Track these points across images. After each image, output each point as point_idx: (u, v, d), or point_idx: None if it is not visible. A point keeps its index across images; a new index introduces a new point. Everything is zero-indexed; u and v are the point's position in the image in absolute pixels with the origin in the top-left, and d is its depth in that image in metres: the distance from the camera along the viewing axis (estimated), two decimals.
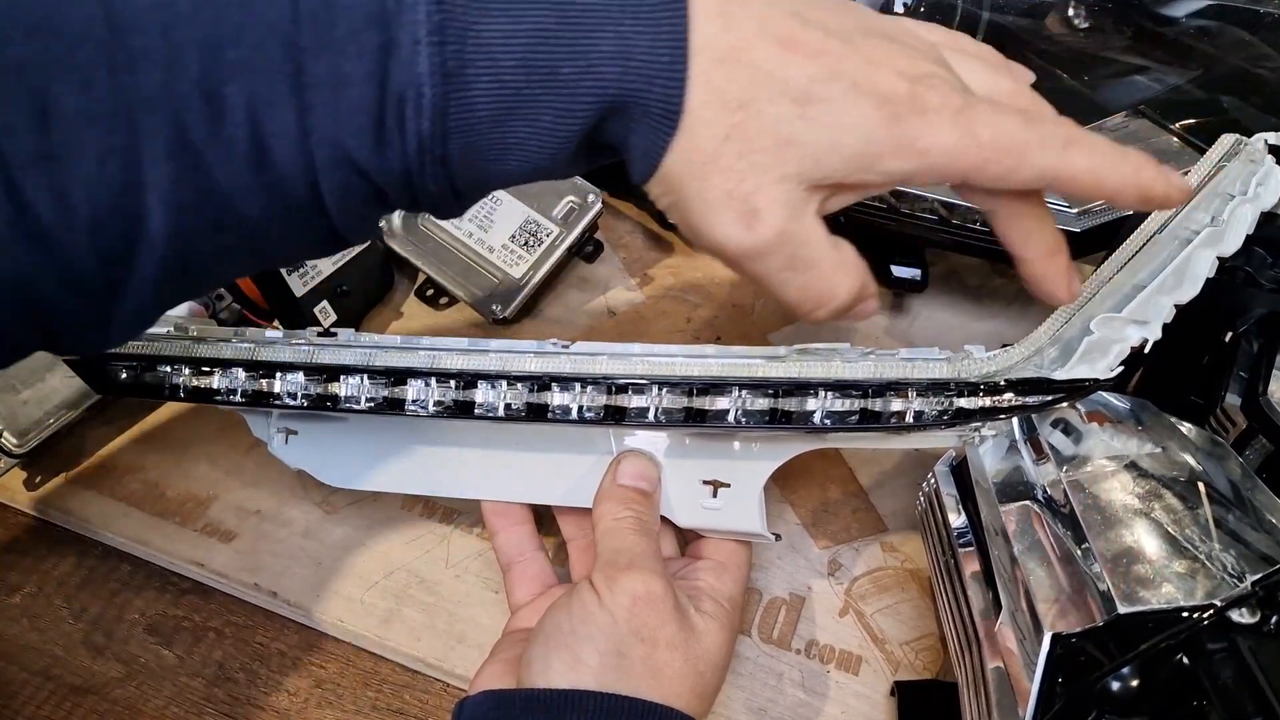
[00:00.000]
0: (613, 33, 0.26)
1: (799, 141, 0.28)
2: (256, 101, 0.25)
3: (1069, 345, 0.40)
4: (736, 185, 0.28)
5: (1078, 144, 0.29)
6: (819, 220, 0.30)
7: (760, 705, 0.45)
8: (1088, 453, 0.41)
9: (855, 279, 0.31)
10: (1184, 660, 0.34)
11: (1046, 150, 0.29)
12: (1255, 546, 0.36)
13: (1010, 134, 0.28)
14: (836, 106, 0.27)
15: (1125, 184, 0.30)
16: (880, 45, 0.29)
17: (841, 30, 0.28)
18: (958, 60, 0.31)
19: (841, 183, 0.29)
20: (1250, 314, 0.46)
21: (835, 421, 0.41)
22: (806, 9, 0.29)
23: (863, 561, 0.50)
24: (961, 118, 0.28)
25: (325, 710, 0.46)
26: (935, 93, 0.28)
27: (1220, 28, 0.59)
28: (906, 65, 0.28)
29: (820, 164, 0.28)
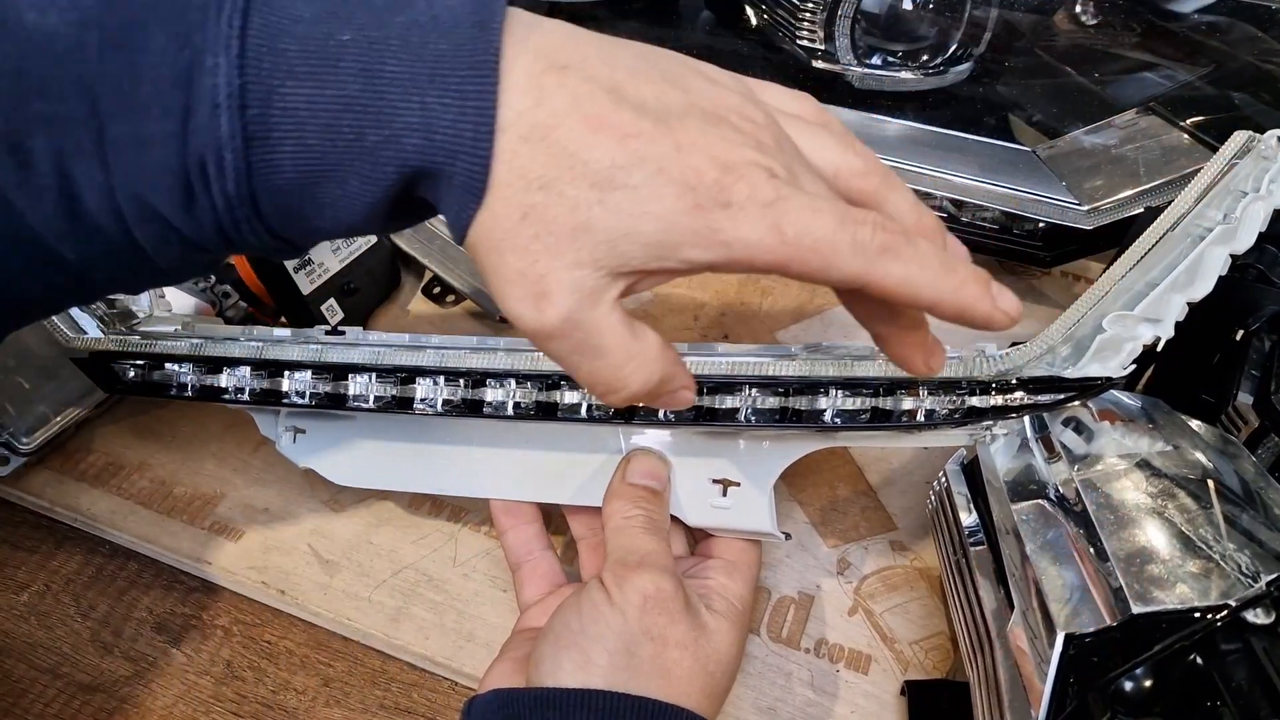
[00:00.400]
0: (418, 103, 0.26)
1: (595, 228, 0.27)
2: (64, 153, 0.26)
3: (1081, 343, 0.40)
4: (530, 266, 0.27)
5: (894, 252, 0.28)
6: (616, 307, 0.29)
7: (769, 704, 0.45)
8: (1100, 451, 0.41)
9: (650, 372, 0.30)
10: (1198, 661, 0.34)
11: (857, 256, 0.27)
12: (1269, 546, 0.36)
13: (818, 234, 0.27)
14: (637, 193, 0.27)
15: (943, 299, 0.29)
16: (699, 127, 0.27)
17: (661, 109, 0.27)
18: (806, 135, 0.30)
19: (641, 269, 0.28)
20: (1262, 312, 0.46)
21: (846, 420, 0.41)
22: (631, 83, 0.28)
23: (872, 560, 0.50)
24: (769, 211, 0.27)
25: (333, 709, 0.46)
26: (744, 183, 0.27)
27: (1230, 24, 0.58)
28: (722, 151, 0.27)
29: (616, 251, 0.27)
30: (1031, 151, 0.57)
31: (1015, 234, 0.57)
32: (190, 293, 0.56)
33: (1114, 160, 0.56)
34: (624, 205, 0.27)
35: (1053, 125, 0.59)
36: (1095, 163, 0.57)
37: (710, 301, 0.64)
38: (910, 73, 0.61)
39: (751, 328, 0.62)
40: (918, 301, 0.29)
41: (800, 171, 0.28)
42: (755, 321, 0.63)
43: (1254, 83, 0.54)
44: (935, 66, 0.61)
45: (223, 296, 0.58)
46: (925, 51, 0.60)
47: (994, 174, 0.57)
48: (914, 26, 0.60)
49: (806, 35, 0.60)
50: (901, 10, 0.59)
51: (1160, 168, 0.55)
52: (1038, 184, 0.56)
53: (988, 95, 0.60)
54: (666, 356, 0.31)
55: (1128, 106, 0.57)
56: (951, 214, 0.58)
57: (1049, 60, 0.61)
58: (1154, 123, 0.56)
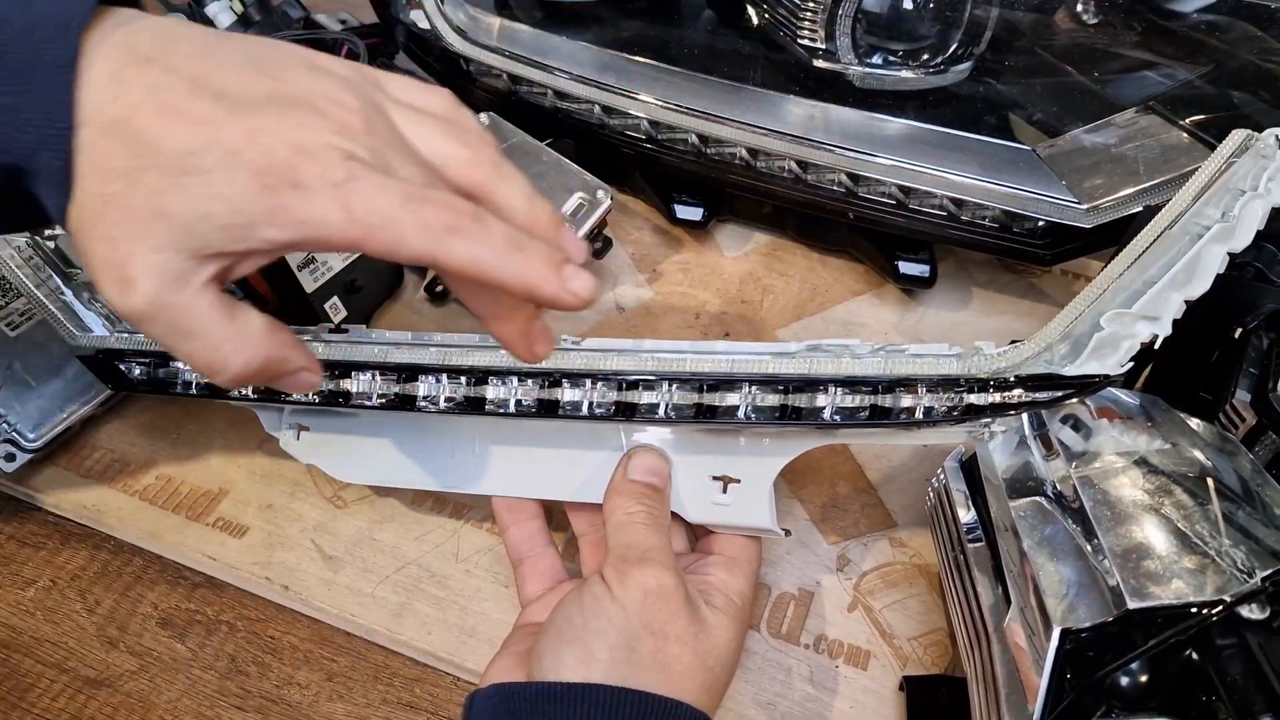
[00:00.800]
0: (3, 104, 0.28)
1: (170, 213, 0.28)
2: None
3: (1079, 341, 0.41)
4: (111, 252, 0.29)
5: (461, 233, 0.29)
6: (208, 289, 0.30)
7: (769, 700, 0.45)
8: (1097, 449, 0.41)
9: (251, 354, 0.31)
10: (1193, 656, 0.34)
11: (422, 235, 0.29)
12: (1265, 543, 0.36)
13: (385, 213, 0.28)
14: (210, 178, 0.28)
15: (507, 277, 0.30)
16: (278, 113, 0.29)
17: (244, 96, 0.29)
18: (416, 126, 0.32)
19: (224, 251, 0.29)
20: (1260, 310, 0.46)
21: (845, 417, 0.41)
22: (217, 73, 0.29)
23: (871, 557, 0.51)
24: (338, 192, 0.28)
25: (336, 703, 0.47)
26: (316, 164, 0.28)
27: (1230, 23, 0.58)
28: (294, 135, 0.28)
29: (194, 234, 0.28)
30: (1031, 150, 0.58)
31: (1015, 232, 0.57)
32: None
33: (1114, 159, 0.56)
34: (197, 189, 0.28)
35: (1053, 124, 0.59)
36: (1095, 161, 0.57)
37: (711, 300, 0.64)
38: (911, 72, 0.61)
39: (753, 325, 0.63)
40: (485, 278, 0.30)
41: (392, 157, 0.30)
42: (756, 319, 0.63)
43: (1254, 81, 0.54)
44: (936, 65, 0.61)
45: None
46: (926, 50, 0.61)
47: (994, 173, 0.57)
48: (915, 25, 0.60)
49: (807, 34, 0.61)
50: (902, 9, 0.59)
51: (1160, 166, 0.55)
52: (1037, 183, 0.57)
53: (988, 94, 0.61)
54: (274, 340, 0.32)
55: (1128, 105, 0.57)
56: (952, 212, 0.58)
57: (1049, 59, 0.61)
58: (1154, 121, 0.56)
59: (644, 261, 0.66)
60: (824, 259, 0.66)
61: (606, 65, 0.64)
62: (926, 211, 0.58)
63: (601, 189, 0.61)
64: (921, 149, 0.58)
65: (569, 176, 0.61)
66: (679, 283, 0.65)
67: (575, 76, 0.63)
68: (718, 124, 0.60)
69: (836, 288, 0.65)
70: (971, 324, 0.63)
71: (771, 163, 0.60)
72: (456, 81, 0.67)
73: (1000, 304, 0.64)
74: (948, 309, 0.64)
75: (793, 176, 0.60)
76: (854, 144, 0.59)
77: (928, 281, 0.61)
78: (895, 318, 0.63)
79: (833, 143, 0.59)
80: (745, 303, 0.64)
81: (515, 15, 0.67)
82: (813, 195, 0.60)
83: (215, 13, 0.69)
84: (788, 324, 0.63)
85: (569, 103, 0.64)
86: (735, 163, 0.61)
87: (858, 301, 0.64)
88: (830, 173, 0.59)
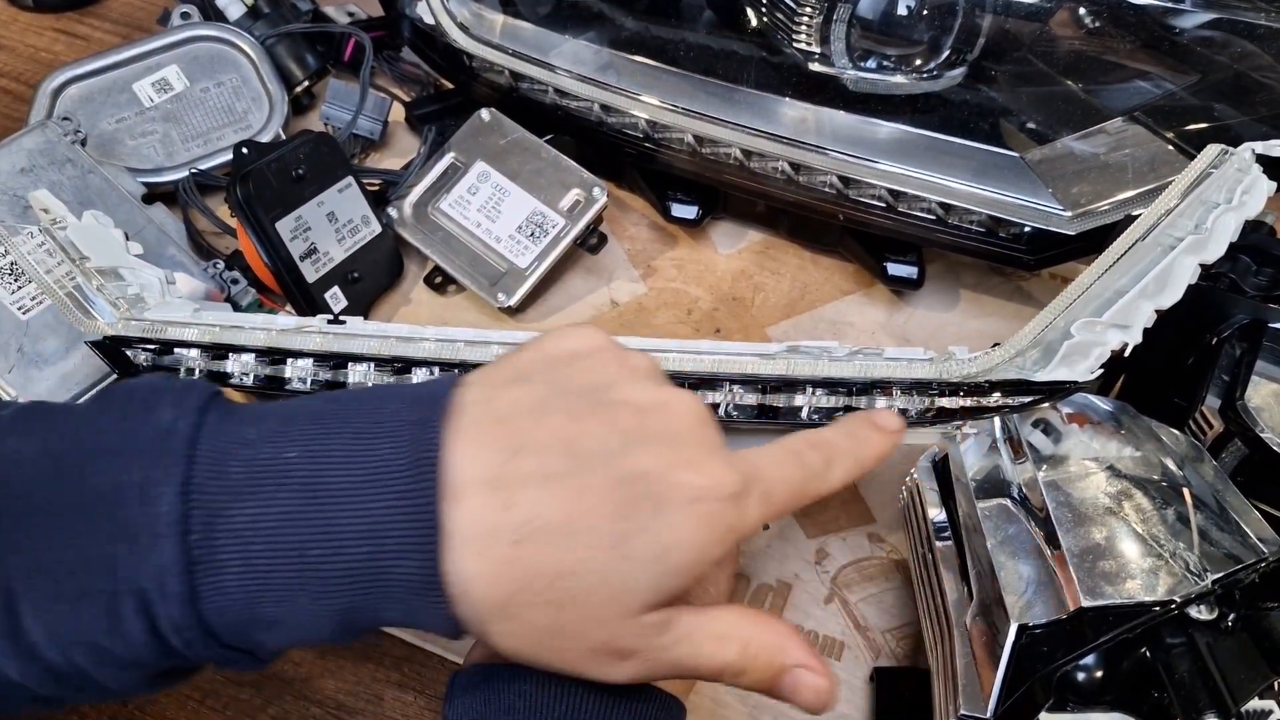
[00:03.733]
0: (362, 511, 0.27)
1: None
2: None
3: (1050, 348, 0.42)
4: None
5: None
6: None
7: None
8: (1067, 453, 0.43)
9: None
10: (1146, 654, 0.36)
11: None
12: (1221, 546, 0.38)
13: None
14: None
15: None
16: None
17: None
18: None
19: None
20: (1233, 320, 0.47)
21: (823, 417, 0.43)
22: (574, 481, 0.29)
23: (850, 551, 0.52)
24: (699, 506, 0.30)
25: (328, 680, 0.48)
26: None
27: (1226, 38, 0.59)
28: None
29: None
30: (1019, 157, 0.59)
31: (1001, 237, 0.59)
32: (199, 278, 0.58)
33: (1100, 167, 0.57)
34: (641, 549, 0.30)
35: (1042, 131, 0.60)
36: (1081, 169, 0.58)
37: (704, 296, 0.65)
38: (904, 77, 0.62)
39: (743, 323, 0.64)
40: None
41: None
42: (747, 317, 0.64)
43: (1237, 94, 0.55)
44: (929, 71, 0.62)
45: (231, 282, 0.60)
46: (919, 56, 0.62)
47: (982, 179, 0.58)
48: (908, 31, 0.61)
49: (803, 38, 0.62)
50: (896, 15, 0.60)
51: (1144, 176, 0.56)
52: (1024, 189, 0.58)
53: (979, 100, 0.62)
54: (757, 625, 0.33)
55: (1116, 114, 0.58)
56: (940, 216, 0.59)
57: (1041, 67, 0.62)
58: (1139, 131, 0.57)
59: (639, 257, 0.68)
60: (815, 258, 0.68)
61: (607, 64, 0.65)
62: (915, 215, 0.60)
63: (598, 186, 0.62)
64: (912, 153, 0.60)
65: (567, 173, 0.63)
66: (673, 279, 0.66)
67: (576, 75, 0.64)
68: (713, 125, 0.62)
69: (827, 287, 0.66)
70: (958, 325, 0.64)
71: (765, 164, 0.62)
72: (459, 77, 0.69)
73: (987, 306, 0.65)
74: (935, 310, 0.65)
75: (785, 178, 0.61)
76: (846, 147, 0.60)
77: (915, 283, 0.63)
78: (883, 318, 0.64)
79: (825, 145, 0.60)
80: (737, 300, 0.65)
81: (519, 12, 0.68)
82: (804, 196, 0.62)
83: (225, 5, 0.70)
84: (777, 322, 0.64)
85: (569, 100, 0.65)
86: (730, 163, 0.63)
87: (847, 301, 0.65)
88: (822, 175, 0.60)
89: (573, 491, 0.29)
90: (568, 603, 0.29)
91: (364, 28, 0.73)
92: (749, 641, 0.32)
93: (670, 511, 0.29)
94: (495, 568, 0.29)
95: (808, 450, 0.34)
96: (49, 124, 0.60)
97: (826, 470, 0.34)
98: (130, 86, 0.66)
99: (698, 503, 0.30)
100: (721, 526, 0.30)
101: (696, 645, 0.31)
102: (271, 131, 0.68)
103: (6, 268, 0.55)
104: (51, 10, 0.80)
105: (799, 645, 0.32)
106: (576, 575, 0.29)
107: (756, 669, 0.32)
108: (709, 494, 0.30)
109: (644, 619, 0.30)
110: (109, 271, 0.49)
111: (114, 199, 0.60)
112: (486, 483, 0.29)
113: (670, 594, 0.30)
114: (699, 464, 0.30)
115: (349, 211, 0.61)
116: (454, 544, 0.28)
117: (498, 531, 0.29)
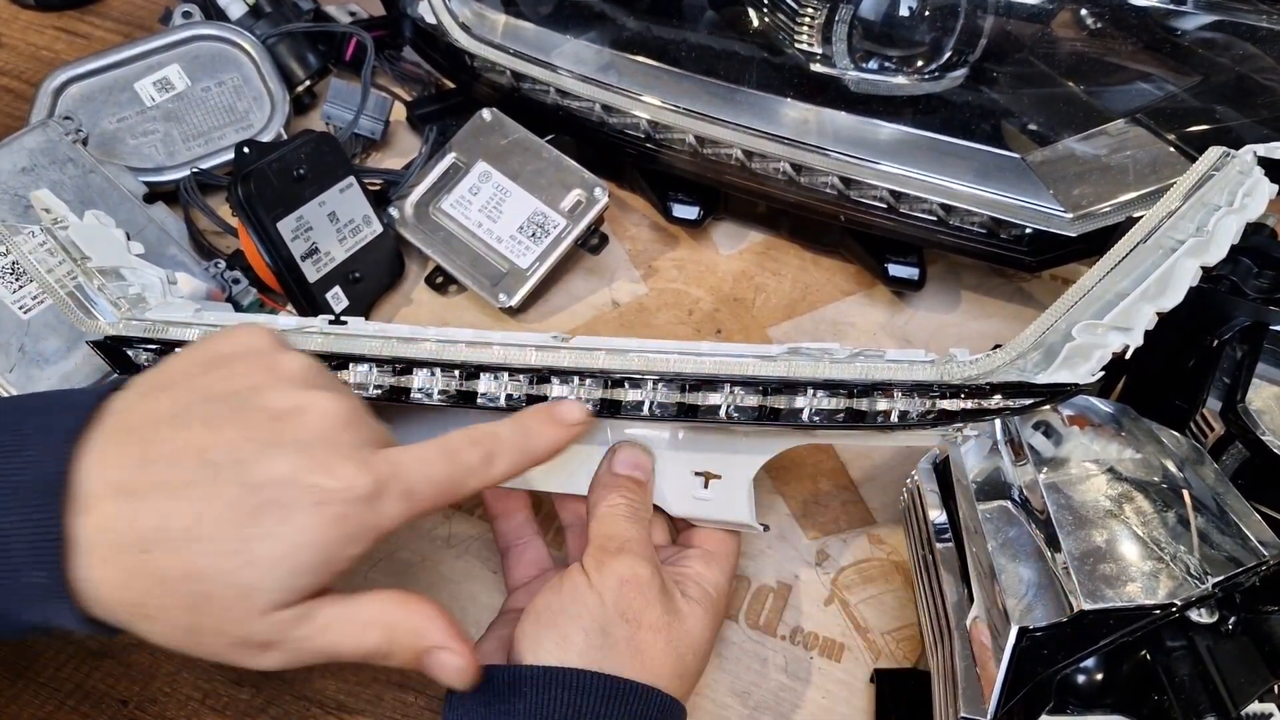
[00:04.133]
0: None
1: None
2: None
3: (1051, 350, 0.42)
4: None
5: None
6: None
7: (744, 688, 0.47)
8: (1067, 455, 0.43)
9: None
10: (1147, 657, 0.36)
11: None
12: (1221, 549, 0.38)
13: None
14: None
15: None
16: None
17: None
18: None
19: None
20: (1234, 322, 0.47)
21: (823, 419, 0.43)
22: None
23: (850, 552, 0.52)
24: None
25: (328, 680, 0.48)
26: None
27: (1228, 40, 0.59)
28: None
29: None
30: (1020, 158, 0.59)
31: (1002, 239, 0.59)
32: (201, 278, 0.58)
33: (1101, 169, 0.57)
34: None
35: (1043, 133, 0.60)
36: (1083, 171, 0.58)
37: (705, 297, 0.65)
38: (905, 78, 0.62)
39: (744, 323, 0.64)
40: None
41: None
42: (748, 317, 0.64)
43: (1238, 96, 0.55)
44: (930, 72, 0.62)
45: (232, 282, 0.60)
46: (921, 57, 0.62)
47: (983, 180, 0.58)
48: (910, 32, 0.61)
49: (805, 39, 0.62)
50: (898, 16, 0.60)
51: (1145, 177, 0.56)
52: (1025, 191, 0.58)
53: (981, 101, 0.62)
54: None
55: (1117, 116, 0.58)
56: (941, 217, 0.59)
57: (1043, 68, 0.62)
58: (1141, 133, 0.57)
59: (640, 258, 0.68)
60: (816, 259, 0.68)
61: (608, 64, 0.65)
62: (916, 216, 0.60)
63: (599, 186, 0.62)
64: (913, 154, 0.60)
65: (568, 173, 0.63)
66: (674, 279, 0.66)
67: (577, 75, 0.64)
68: (715, 125, 0.62)
69: (828, 287, 0.66)
70: (959, 326, 0.64)
71: (766, 164, 0.62)
72: (460, 76, 0.69)
73: (988, 307, 0.65)
74: (936, 311, 0.65)
75: (786, 178, 0.61)
76: (847, 148, 0.60)
77: (916, 284, 0.63)
78: (884, 318, 0.64)
79: (826, 146, 0.60)
80: (738, 300, 0.65)
81: (520, 12, 0.68)
82: (806, 197, 0.62)
83: (227, 4, 0.70)
84: (779, 322, 0.64)
85: (570, 101, 0.65)
86: (731, 163, 0.63)
87: (848, 301, 0.65)
88: (823, 176, 0.60)
89: (200, 500, 0.31)
90: (201, 605, 0.31)
91: (365, 27, 0.73)
92: (392, 627, 0.34)
93: (298, 515, 0.32)
94: (124, 575, 0.31)
95: (466, 447, 0.37)
96: (50, 123, 0.60)
97: (486, 466, 0.37)
98: (132, 85, 0.66)
99: (325, 505, 0.32)
100: (354, 526, 0.32)
101: (341, 634, 0.34)
102: (273, 131, 0.68)
103: (8, 267, 0.55)
104: (53, 9, 0.80)
105: (439, 628, 0.35)
106: (205, 579, 0.31)
107: (400, 651, 0.35)
108: (337, 496, 0.32)
109: (278, 615, 0.32)
110: (110, 271, 0.49)
111: (115, 198, 0.60)
112: (117, 493, 0.31)
113: (302, 592, 0.32)
114: (329, 467, 0.32)
115: (350, 211, 0.61)
116: (81, 553, 0.31)
117: (125, 540, 0.31)
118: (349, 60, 0.73)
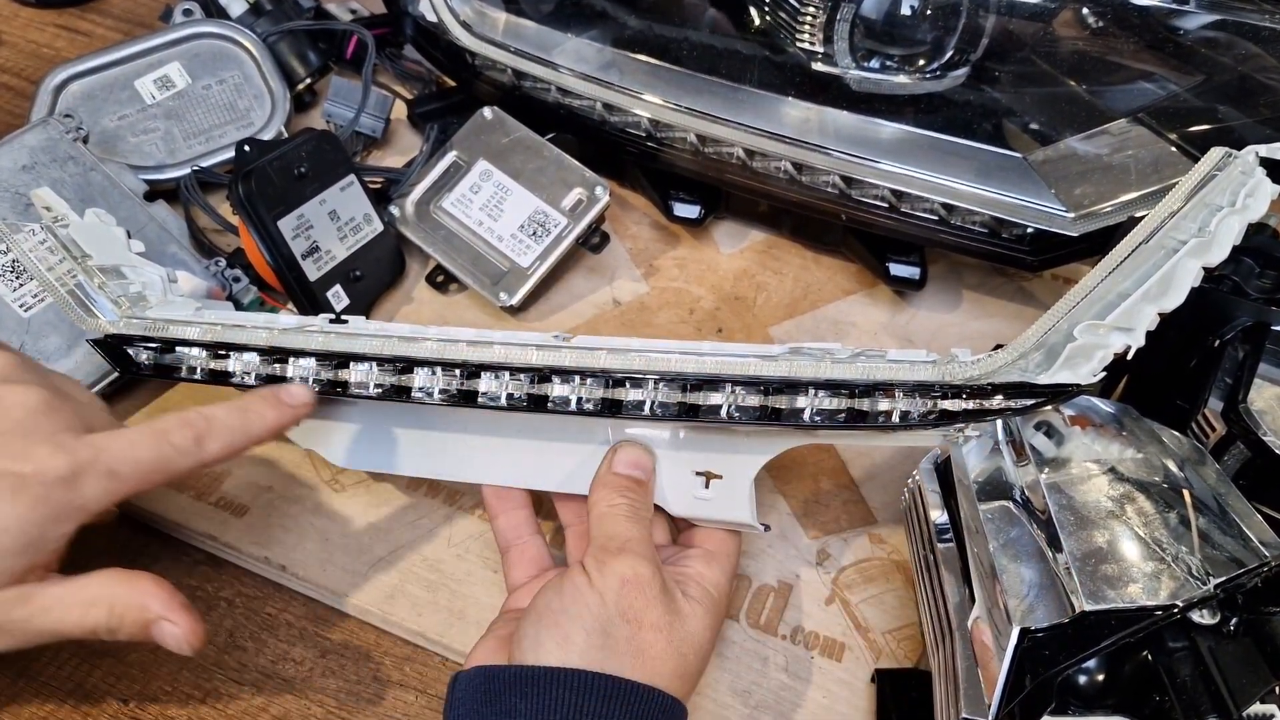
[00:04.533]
0: None
1: None
2: None
3: (1053, 350, 0.42)
4: None
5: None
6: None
7: (745, 688, 0.47)
8: (1069, 455, 0.43)
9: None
10: (1148, 658, 0.36)
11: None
12: (1224, 550, 0.38)
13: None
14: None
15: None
16: None
17: None
18: None
19: None
20: (1236, 322, 0.47)
21: (824, 419, 0.42)
22: None
23: (851, 552, 0.52)
24: None
25: (329, 679, 0.48)
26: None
27: (1230, 40, 0.59)
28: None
29: None
30: (1022, 158, 0.59)
31: (1004, 238, 0.59)
32: (201, 276, 0.58)
33: (1103, 169, 0.57)
34: None
35: (1045, 132, 0.60)
36: (1084, 170, 0.58)
37: (706, 295, 0.65)
38: (907, 77, 0.62)
39: (745, 322, 0.64)
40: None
41: None
42: (749, 316, 0.64)
43: (1240, 96, 0.55)
44: (932, 71, 0.62)
45: (233, 280, 0.60)
46: (922, 56, 0.61)
47: (984, 179, 0.58)
48: (912, 31, 0.61)
49: (806, 37, 0.62)
50: (900, 15, 0.60)
51: (1147, 177, 0.56)
52: (1027, 190, 0.58)
53: (983, 101, 0.61)
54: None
55: (1119, 115, 0.58)
56: (942, 217, 0.59)
57: (1044, 67, 0.62)
58: (1143, 133, 0.57)
59: (641, 256, 0.68)
60: (818, 258, 0.68)
61: (610, 63, 0.65)
62: (918, 215, 0.60)
63: (600, 185, 0.62)
64: (915, 153, 0.59)
65: (569, 172, 0.63)
66: (675, 278, 0.66)
67: (578, 73, 0.64)
68: (716, 124, 0.62)
69: (829, 286, 0.66)
70: (960, 326, 0.64)
71: (768, 163, 0.61)
72: (461, 75, 0.69)
73: (990, 307, 0.65)
74: (938, 310, 0.65)
75: (788, 177, 0.61)
76: (849, 147, 0.60)
77: (917, 284, 0.63)
78: (886, 318, 0.64)
79: (828, 145, 0.60)
80: (739, 299, 0.65)
81: (521, 10, 0.68)
82: (807, 196, 0.62)
83: (227, 2, 0.70)
84: (780, 321, 0.64)
85: (571, 99, 0.65)
86: (732, 162, 0.62)
87: (849, 301, 0.65)
88: (824, 175, 0.60)
89: None
90: None
91: (366, 25, 0.73)
92: (115, 603, 0.37)
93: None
94: None
95: (177, 429, 0.39)
96: (51, 121, 0.60)
97: (197, 446, 0.39)
98: (132, 83, 0.66)
99: (22, 489, 0.34)
100: (55, 506, 0.35)
101: (64, 613, 0.36)
102: (274, 129, 0.68)
103: (8, 265, 0.55)
104: (53, 6, 0.80)
105: (160, 600, 0.38)
106: None
107: (127, 625, 0.38)
108: (33, 479, 0.35)
109: None
110: (111, 269, 0.49)
111: (116, 196, 0.60)
112: None
113: (14, 574, 0.35)
114: (24, 453, 0.35)
115: (351, 210, 0.60)
116: None
117: None
118: (350, 58, 0.73)
